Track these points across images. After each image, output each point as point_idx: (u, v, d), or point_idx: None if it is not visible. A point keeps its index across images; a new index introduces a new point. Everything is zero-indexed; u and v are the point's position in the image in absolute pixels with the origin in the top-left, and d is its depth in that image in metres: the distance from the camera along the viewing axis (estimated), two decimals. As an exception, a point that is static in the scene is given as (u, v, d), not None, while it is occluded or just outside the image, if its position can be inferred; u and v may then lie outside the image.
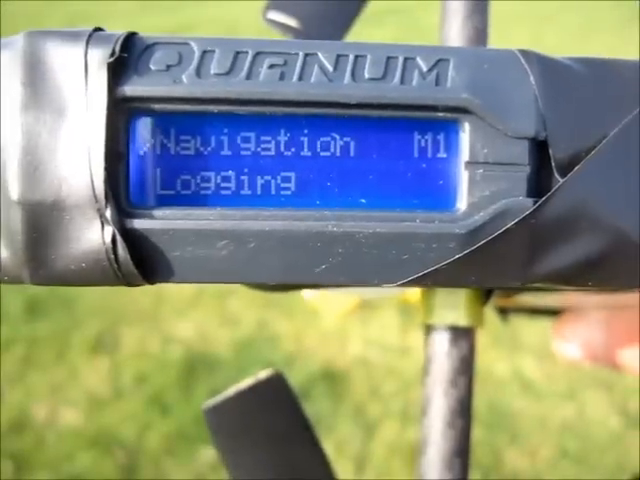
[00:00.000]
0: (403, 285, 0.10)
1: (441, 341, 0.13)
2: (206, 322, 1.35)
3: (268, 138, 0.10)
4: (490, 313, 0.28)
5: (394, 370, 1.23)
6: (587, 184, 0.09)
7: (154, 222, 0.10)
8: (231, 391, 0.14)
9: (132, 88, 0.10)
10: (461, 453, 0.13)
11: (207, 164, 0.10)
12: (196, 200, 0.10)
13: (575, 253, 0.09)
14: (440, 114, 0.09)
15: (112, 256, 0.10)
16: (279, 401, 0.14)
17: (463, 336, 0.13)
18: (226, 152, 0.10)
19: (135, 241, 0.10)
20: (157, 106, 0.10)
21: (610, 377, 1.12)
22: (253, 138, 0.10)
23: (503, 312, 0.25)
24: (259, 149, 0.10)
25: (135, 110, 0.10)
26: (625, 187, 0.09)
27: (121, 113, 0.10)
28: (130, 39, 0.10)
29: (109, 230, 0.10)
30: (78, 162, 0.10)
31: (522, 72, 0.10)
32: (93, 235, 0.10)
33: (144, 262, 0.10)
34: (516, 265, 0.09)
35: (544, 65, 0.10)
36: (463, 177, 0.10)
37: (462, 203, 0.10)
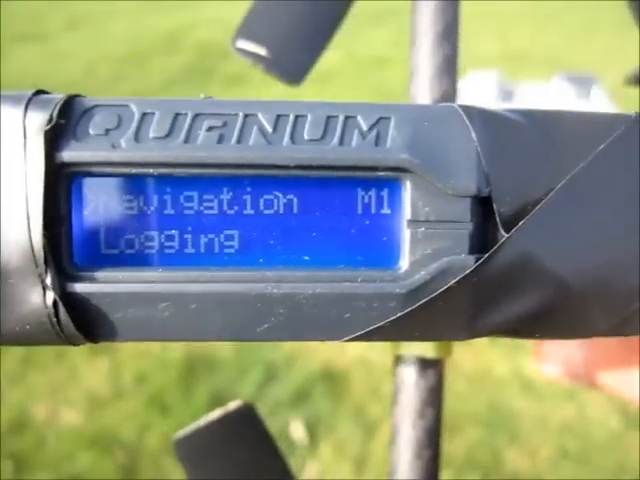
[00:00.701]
0: (347, 341, 0.10)
1: (409, 372, 0.13)
2: (206, 322, 1.35)
3: (211, 197, 0.10)
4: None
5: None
6: (532, 238, 0.09)
7: (96, 286, 0.10)
8: (201, 422, 0.14)
9: (70, 154, 0.10)
10: None
11: (150, 223, 0.10)
12: (140, 260, 0.10)
13: (520, 307, 0.09)
14: (381, 173, 0.09)
15: (54, 319, 0.10)
16: (249, 432, 0.14)
17: (431, 367, 0.13)
18: (169, 211, 0.10)
19: (77, 304, 0.10)
20: (97, 169, 0.10)
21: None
22: (196, 197, 0.10)
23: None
24: (202, 208, 0.10)
25: (75, 174, 0.10)
26: (568, 239, 0.09)
27: (61, 178, 0.10)
28: (70, 103, 0.10)
29: (50, 295, 0.10)
30: (18, 228, 0.09)
31: (463, 128, 0.09)
32: (35, 299, 0.10)
33: (86, 324, 0.10)
34: (460, 321, 0.09)
35: (485, 119, 0.09)
36: (405, 235, 0.09)
37: (404, 261, 0.10)
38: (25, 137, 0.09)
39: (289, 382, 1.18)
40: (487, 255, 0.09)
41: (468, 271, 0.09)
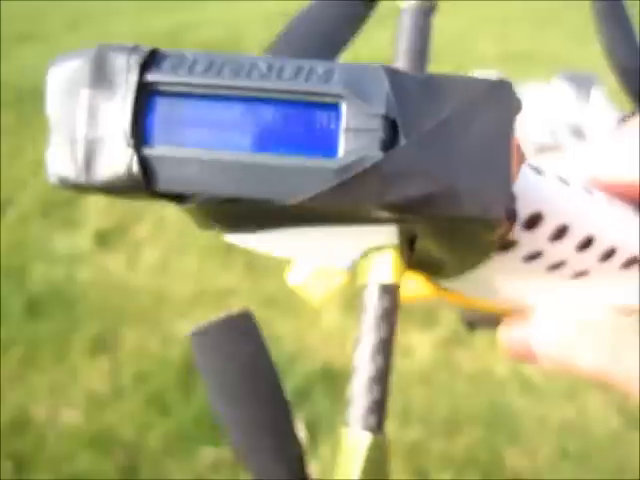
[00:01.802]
0: (297, 204, 0.14)
1: (370, 295, 0.16)
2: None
3: (230, 105, 0.15)
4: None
5: (394, 370, 1.22)
6: (417, 148, 0.14)
7: (164, 150, 0.15)
8: (212, 319, 0.18)
9: (153, 76, 0.15)
10: (379, 381, 0.18)
11: (197, 121, 0.15)
12: (192, 143, 0.15)
13: (413, 191, 0.13)
14: (327, 99, 0.14)
15: (132, 173, 0.15)
16: (248, 334, 0.17)
17: (387, 291, 0.16)
18: (205, 117, 0.15)
19: (148, 164, 0.15)
20: (168, 88, 0.15)
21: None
22: (226, 108, 0.15)
23: (471, 325, 0.25)
24: (226, 114, 0.15)
25: (154, 90, 0.15)
26: (441, 152, 0.14)
27: (145, 92, 0.15)
28: (155, 51, 0.16)
29: (130, 154, 0.15)
30: (116, 120, 0.15)
31: (381, 76, 0.14)
32: (121, 159, 0.15)
33: (151, 177, 0.15)
34: (373, 194, 0.13)
35: (396, 73, 0.14)
36: (341, 138, 0.14)
37: (340, 151, 0.14)
38: (128, 69, 0.15)
39: (289, 382, 1.18)
40: (389, 152, 0.14)
41: (377, 160, 0.13)
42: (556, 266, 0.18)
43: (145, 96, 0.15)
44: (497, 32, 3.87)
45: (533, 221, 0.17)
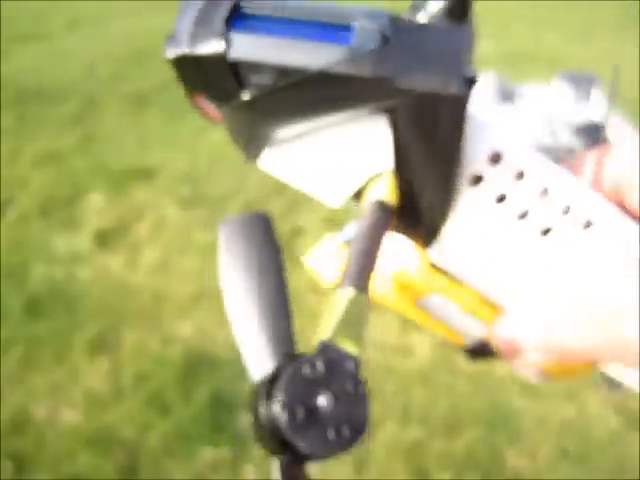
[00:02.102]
0: (327, 70, 0.17)
1: (367, 208, 0.18)
2: (206, 322, 1.35)
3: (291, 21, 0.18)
4: None
5: (394, 370, 1.23)
6: (402, 45, 0.17)
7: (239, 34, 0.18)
8: (239, 214, 0.19)
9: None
10: (369, 254, 0.18)
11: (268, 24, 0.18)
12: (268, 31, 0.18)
13: (393, 70, 0.17)
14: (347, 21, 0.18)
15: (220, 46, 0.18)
16: (266, 233, 0.19)
17: (383, 207, 0.18)
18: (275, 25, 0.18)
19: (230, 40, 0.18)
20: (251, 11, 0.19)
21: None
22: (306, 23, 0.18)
23: (472, 354, 0.26)
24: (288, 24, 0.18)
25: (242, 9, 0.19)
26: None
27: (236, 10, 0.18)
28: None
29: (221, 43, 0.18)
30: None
31: (383, 15, 0.18)
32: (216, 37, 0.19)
33: (230, 50, 0.18)
34: (370, 67, 0.17)
35: (395, 19, 0.18)
36: (354, 36, 0.17)
37: (353, 43, 0.17)
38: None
39: (289, 382, 1.18)
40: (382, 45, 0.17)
41: (372, 47, 0.17)
42: (523, 215, 0.20)
43: (236, 11, 0.19)
44: (497, 32, 3.87)
45: (494, 159, 0.19)
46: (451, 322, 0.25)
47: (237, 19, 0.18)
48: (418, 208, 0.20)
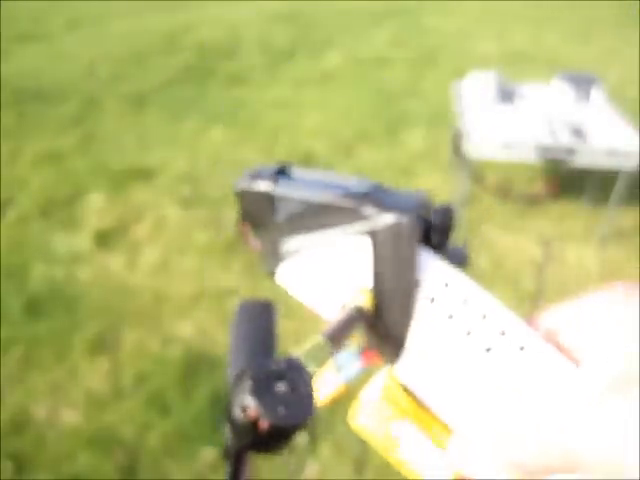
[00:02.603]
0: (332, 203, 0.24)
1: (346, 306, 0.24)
2: (206, 322, 1.35)
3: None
4: None
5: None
6: None
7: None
8: (251, 299, 0.26)
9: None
10: None
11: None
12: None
13: None
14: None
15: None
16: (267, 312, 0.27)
17: (359, 312, 0.24)
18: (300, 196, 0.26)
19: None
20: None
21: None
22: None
23: None
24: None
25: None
26: None
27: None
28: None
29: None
30: None
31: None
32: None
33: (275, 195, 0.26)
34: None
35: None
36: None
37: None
38: None
39: (289, 382, 1.18)
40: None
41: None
42: (468, 333, 0.24)
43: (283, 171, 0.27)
44: (497, 32, 3.87)
45: (445, 284, 0.24)
46: (420, 463, 0.26)
47: (283, 175, 0.26)
48: (386, 321, 0.25)
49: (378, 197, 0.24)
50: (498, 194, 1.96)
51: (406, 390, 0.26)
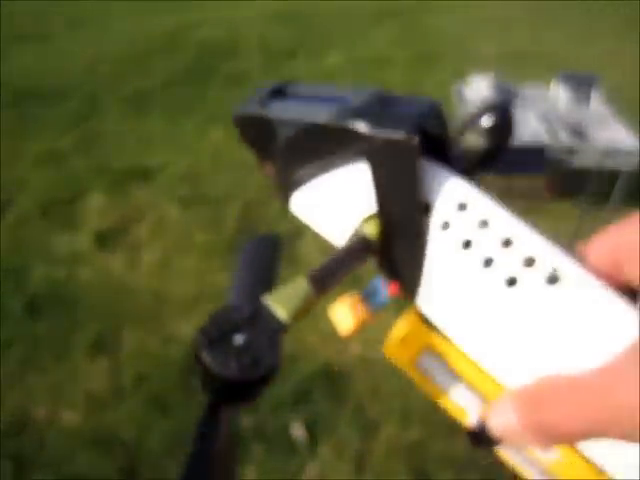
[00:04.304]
0: (332, 119, 0.22)
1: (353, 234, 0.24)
2: (206, 322, 1.35)
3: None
4: None
5: (394, 370, 1.22)
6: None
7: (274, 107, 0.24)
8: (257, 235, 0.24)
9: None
10: None
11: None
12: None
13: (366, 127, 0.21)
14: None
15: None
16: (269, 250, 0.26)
17: (364, 242, 0.22)
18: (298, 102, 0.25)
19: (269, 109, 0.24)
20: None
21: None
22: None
23: (475, 441, 0.24)
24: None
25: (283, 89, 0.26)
26: None
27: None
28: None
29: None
30: None
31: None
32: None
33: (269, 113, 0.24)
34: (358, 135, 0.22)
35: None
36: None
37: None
38: None
39: (289, 382, 1.18)
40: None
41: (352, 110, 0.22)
42: (488, 262, 0.20)
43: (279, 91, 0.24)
44: (497, 32, 3.87)
45: (460, 207, 0.21)
46: (451, 392, 0.24)
47: (278, 95, 0.24)
48: (396, 251, 0.22)
49: (373, 111, 0.21)
50: (498, 194, 1.96)
51: (429, 322, 0.24)
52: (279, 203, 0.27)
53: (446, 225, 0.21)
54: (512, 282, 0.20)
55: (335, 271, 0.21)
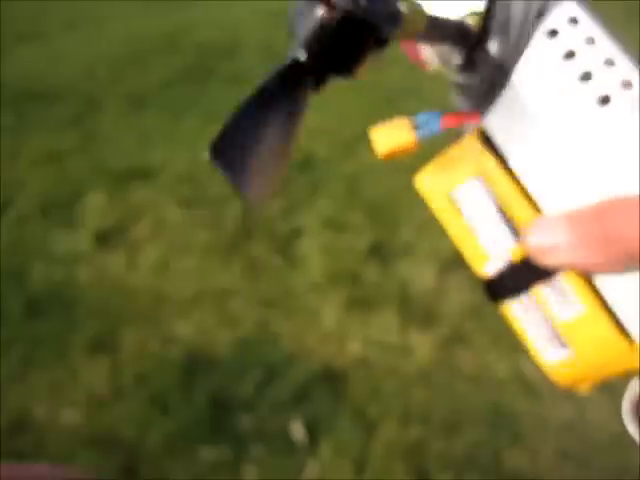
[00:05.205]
0: None
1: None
2: (206, 322, 1.35)
3: None
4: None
5: (394, 370, 1.23)
6: None
7: None
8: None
9: None
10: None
11: None
12: None
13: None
14: None
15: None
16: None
17: (466, 27, 0.23)
18: None
19: None
20: None
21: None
22: None
23: (492, 293, 0.23)
24: None
25: None
26: None
27: None
28: None
29: None
30: None
31: None
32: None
33: None
34: None
35: None
36: None
37: None
38: None
39: (289, 382, 1.18)
40: None
41: None
42: (585, 77, 0.20)
43: None
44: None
45: (572, 21, 0.21)
46: (482, 230, 0.23)
47: None
48: (490, 51, 0.22)
49: None
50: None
51: (489, 148, 0.23)
52: (279, 203, 0.24)
53: (554, 33, 0.21)
54: (605, 100, 0.20)
55: (441, 26, 0.22)
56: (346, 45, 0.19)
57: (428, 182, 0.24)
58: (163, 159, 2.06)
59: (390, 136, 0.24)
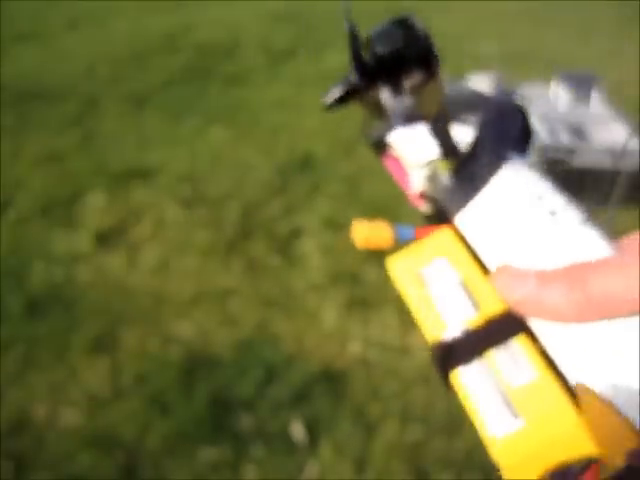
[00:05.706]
0: None
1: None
2: (206, 322, 1.35)
3: None
4: None
5: (394, 370, 1.23)
6: None
7: None
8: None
9: None
10: None
11: None
12: None
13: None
14: None
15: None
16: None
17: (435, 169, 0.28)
18: None
19: None
20: None
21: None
22: None
23: (443, 362, 0.24)
24: None
25: None
26: None
27: None
28: None
29: None
30: None
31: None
32: None
33: None
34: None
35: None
36: None
37: None
38: None
39: (289, 382, 1.18)
40: None
41: None
42: (540, 197, 0.25)
43: None
44: (497, 32, 3.87)
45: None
46: (442, 297, 0.24)
47: None
48: (472, 167, 0.26)
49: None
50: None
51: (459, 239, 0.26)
52: (279, 203, 0.26)
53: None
54: (553, 213, 0.24)
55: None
56: None
57: (399, 265, 0.26)
58: (163, 159, 2.06)
59: (370, 236, 0.26)
